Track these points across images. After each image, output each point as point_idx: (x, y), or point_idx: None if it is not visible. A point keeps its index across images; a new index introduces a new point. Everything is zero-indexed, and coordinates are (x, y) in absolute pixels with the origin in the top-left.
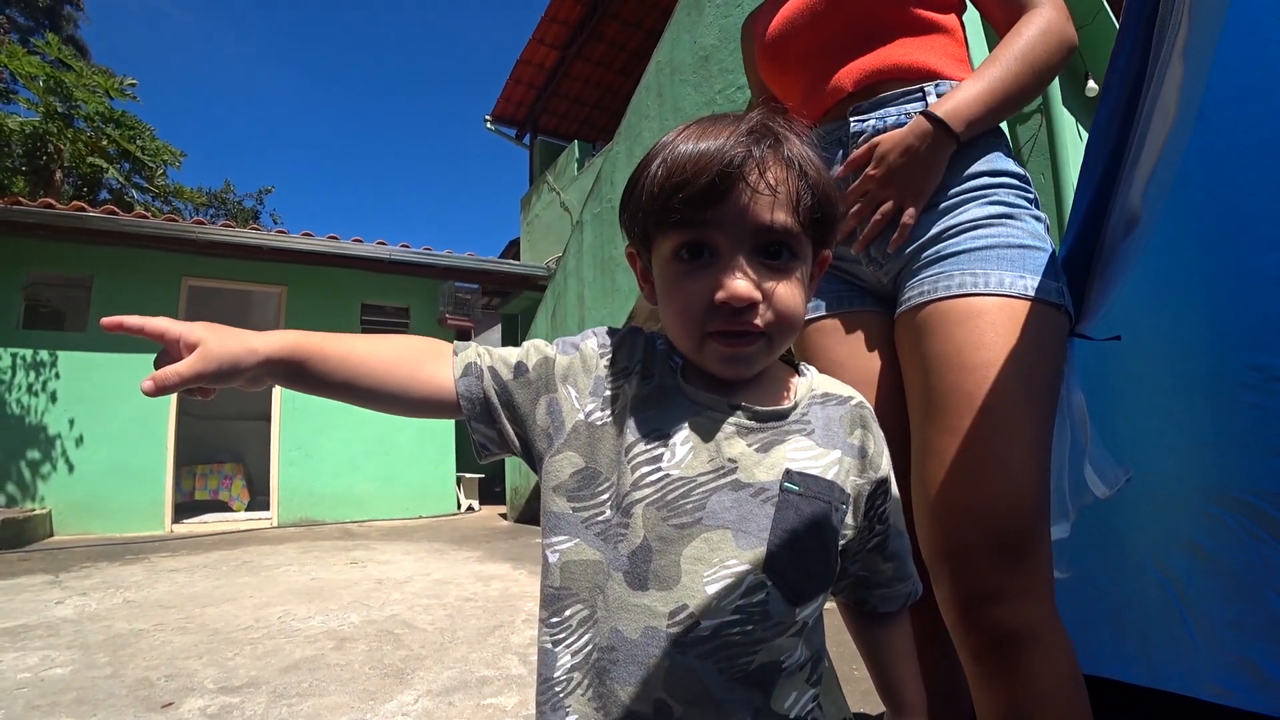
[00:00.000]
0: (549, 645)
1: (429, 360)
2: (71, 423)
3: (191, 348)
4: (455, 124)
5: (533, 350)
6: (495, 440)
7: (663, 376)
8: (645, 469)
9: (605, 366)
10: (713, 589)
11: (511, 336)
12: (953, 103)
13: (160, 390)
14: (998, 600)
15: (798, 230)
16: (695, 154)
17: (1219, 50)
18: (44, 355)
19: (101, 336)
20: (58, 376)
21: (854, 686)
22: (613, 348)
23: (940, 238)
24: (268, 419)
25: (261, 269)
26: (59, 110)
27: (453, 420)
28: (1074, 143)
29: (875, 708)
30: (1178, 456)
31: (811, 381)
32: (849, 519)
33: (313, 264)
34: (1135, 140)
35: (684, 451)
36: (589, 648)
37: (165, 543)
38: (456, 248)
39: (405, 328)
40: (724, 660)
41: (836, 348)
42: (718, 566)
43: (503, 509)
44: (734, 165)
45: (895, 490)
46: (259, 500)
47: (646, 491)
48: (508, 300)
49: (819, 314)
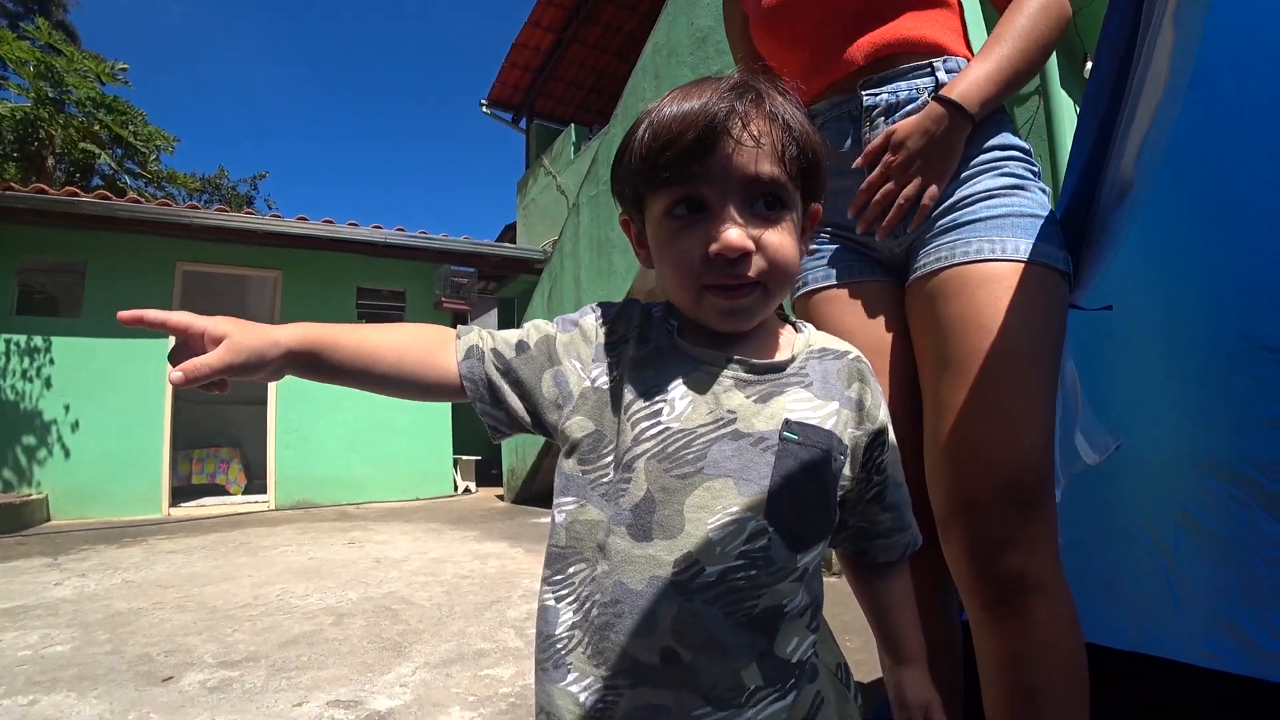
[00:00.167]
0: (551, 602)
1: (437, 347)
2: (67, 408)
3: (216, 341)
4: (451, 108)
5: (533, 329)
6: (505, 420)
7: (659, 339)
8: (645, 424)
9: (605, 335)
10: (716, 536)
11: (508, 320)
12: (965, 84)
13: (190, 382)
14: (1010, 549)
15: (785, 180)
16: (680, 113)
17: (1212, 20)
18: (38, 341)
19: (95, 322)
20: (52, 362)
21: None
22: (611, 319)
23: (955, 206)
24: (264, 403)
25: (256, 254)
26: (50, 96)
27: (449, 403)
28: (1072, 123)
29: (863, 677)
30: (1168, 425)
31: (809, 337)
32: (847, 470)
33: (308, 248)
34: (1127, 108)
35: (683, 405)
36: (589, 605)
37: (163, 526)
38: (452, 231)
39: (401, 312)
40: (729, 605)
41: (847, 316)
42: (720, 514)
43: (500, 490)
44: (718, 120)
45: (894, 441)
46: (256, 484)
47: (647, 445)
48: (504, 284)
49: (830, 283)
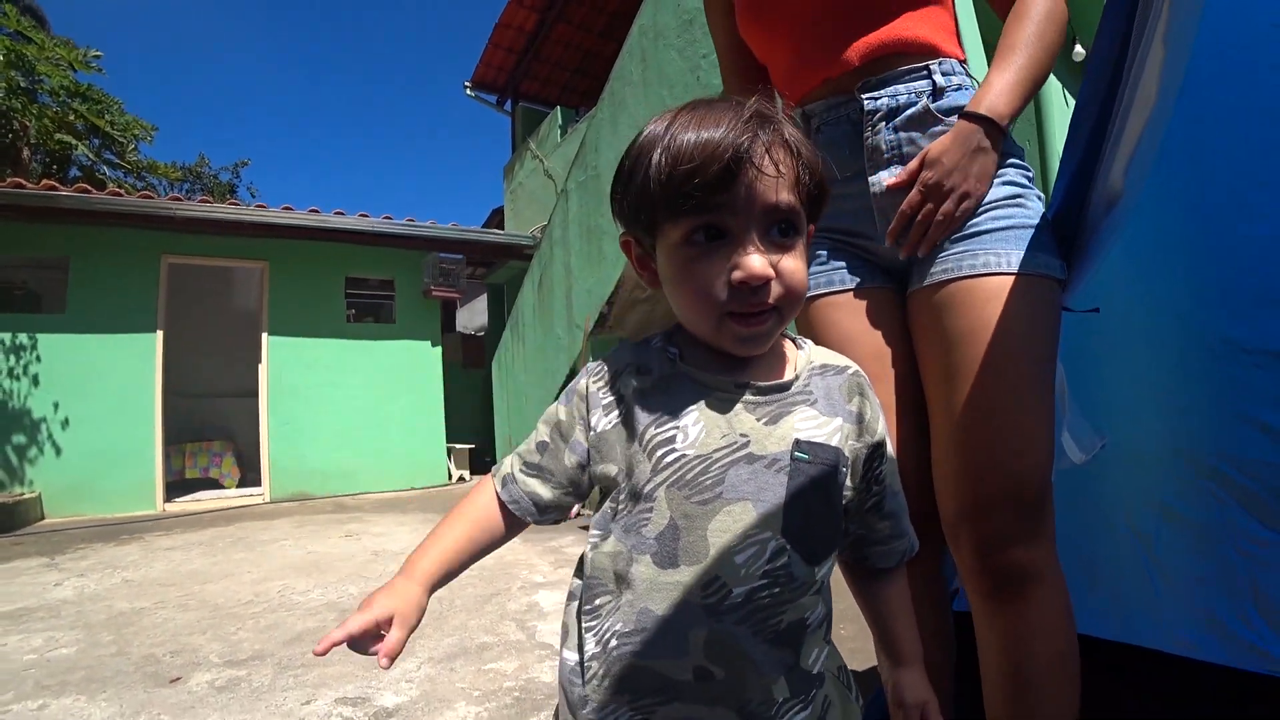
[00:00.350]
0: (580, 629)
1: (490, 502)
2: (56, 405)
3: (388, 622)
4: (435, 91)
5: (544, 425)
6: (567, 506)
7: (662, 368)
8: (661, 452)
9: (599, 384)
10: (740, 558)
11: (498, 304)
12: (990, 97)
13: (394, 659)
14: (1012, 544)
15: (799, 207)
16: (701, 142)
17: (1200, 31)
18: (23, 338)
19: (80, 317)
20: (38, 359)
21: (840, 646)
22: (601, 369)
23: None
24: (255, 395)
25: (242, 245)
26: (21, 85)
27: (441, 390)
28: (1060, 109)
29: (858, 666)
30: (1150, 422)
31: (810, 354)
32: (848, 481)
33: (295, 238)
34: (1116, 122)
35: (697, 431)
36: (608, 636)
37: (159, 522)
38: (440, 218)
39: (390, 300)
40: (757, 624)
41: (848, 322)
42: (743, 537)
43: None
44: (742, 150)
45: (891, 453)
46: (250, 477)
47: (666, 474)
48: (493, 269)
49: (831, 289)
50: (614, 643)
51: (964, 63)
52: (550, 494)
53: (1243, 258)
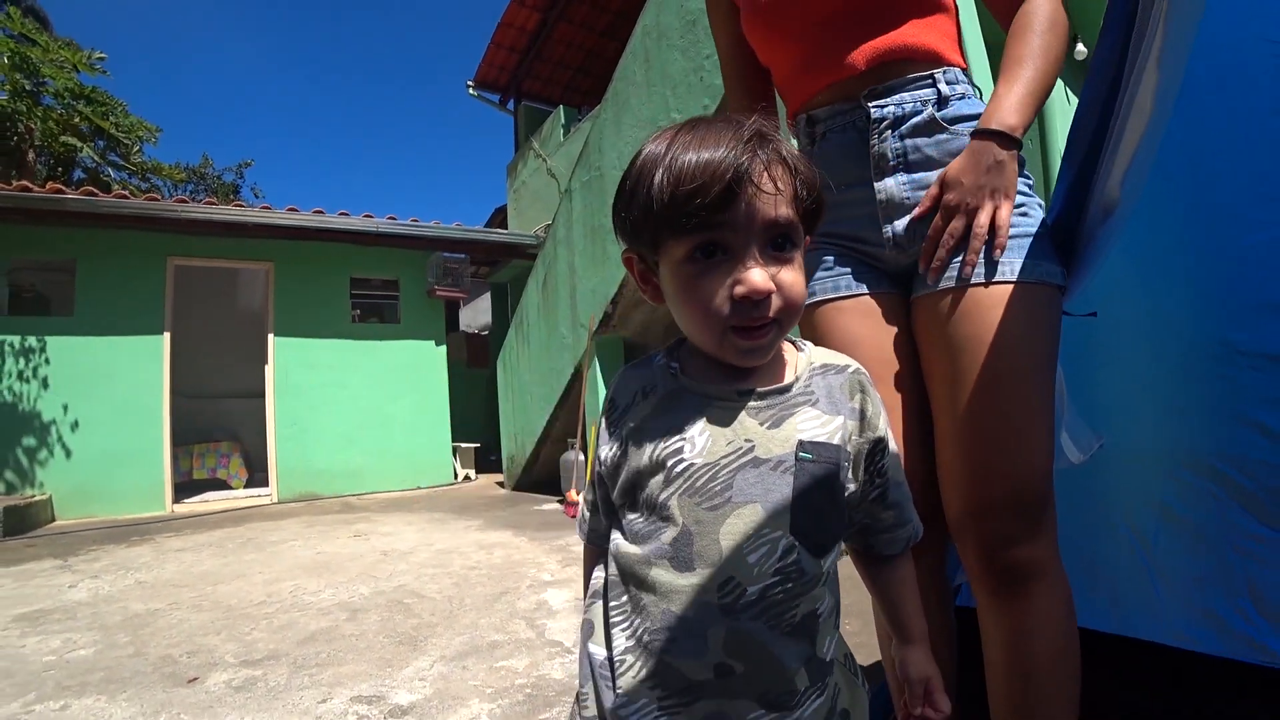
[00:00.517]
0: (607, 625)
1: (588, 548)
2: (65, 408)
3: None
4: (438, 90)
5: (595, 461)
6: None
7: (665, 384)
8: (670, 464)
9: (616, 405)
10: (753, 558)
11: (501, 304)
12: (1000, 112)
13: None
14: (1016, 544)
15: (797, 221)
16: (702, 163)
17: (1201, 31)
18: (32, 341)
19: (88, 319)
20: (48, 362)
21: (845, 640)
22: (618, 389)
23: None
24: (261, 396)
25: (248, 246)
26: (26, 88)
27: (446, 390)
28: (1062, 107)
29: (864, 660)
30: (1149, 423)
31: (810, 355)
32: (851, 475)
33: (299, 239)
34: (1113, 134)
35: (702, 441)
36: (641, 631)
37: (168, 523)
38: (444, 218)
39: (394, 300)
40: (773, 619)
41: (854, 326)
42: (754, 538)
43: (499, 477)
44: (743, 170)
45: (894, 448)
46: (258, 477)
47: (677, 484)
48: (497, 269)
49: (835, 295)
50: (647, 638)
51: (966, 71)
52: (607, 522)
53: (1241, 263)
